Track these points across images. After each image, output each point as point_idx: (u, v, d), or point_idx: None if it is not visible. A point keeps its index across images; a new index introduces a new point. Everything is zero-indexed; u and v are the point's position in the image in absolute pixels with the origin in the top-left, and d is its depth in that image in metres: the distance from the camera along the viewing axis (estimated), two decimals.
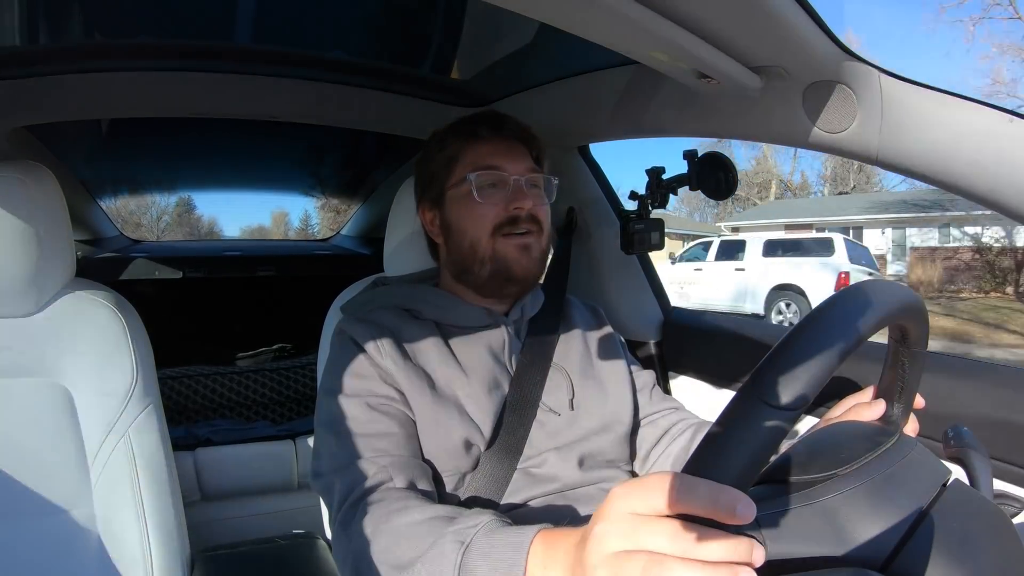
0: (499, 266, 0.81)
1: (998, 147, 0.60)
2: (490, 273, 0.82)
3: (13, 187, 0.79)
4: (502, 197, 0.81)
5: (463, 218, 0.82)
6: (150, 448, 0.85)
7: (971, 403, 0.75)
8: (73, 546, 0.80)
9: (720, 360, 1.14)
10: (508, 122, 0.85)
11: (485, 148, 0.83)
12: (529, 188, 0.82)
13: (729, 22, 0.59)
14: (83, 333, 0.84)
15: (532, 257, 0.82)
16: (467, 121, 0.86)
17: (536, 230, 0.82)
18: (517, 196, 0.80)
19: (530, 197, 0.81)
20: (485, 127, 0.84)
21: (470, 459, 0.74)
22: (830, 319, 0.41)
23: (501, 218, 0.80)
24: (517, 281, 0.83)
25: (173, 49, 1.01)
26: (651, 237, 1.11)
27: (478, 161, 0.82)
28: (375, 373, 0.75)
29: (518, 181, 0.81)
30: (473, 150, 0.83)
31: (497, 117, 0.85)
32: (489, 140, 0.83)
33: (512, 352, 0.83)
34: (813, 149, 0.75)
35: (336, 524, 0.66)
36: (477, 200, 0.80)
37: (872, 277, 8.70)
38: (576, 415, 0.81)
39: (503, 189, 0.81)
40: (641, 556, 0.36)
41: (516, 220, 0.80)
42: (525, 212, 0.80)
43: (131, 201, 4.35)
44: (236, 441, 1.62)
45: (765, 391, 0.37)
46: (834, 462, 0.43)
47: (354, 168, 2.13)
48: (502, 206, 0.80)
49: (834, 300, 0.43)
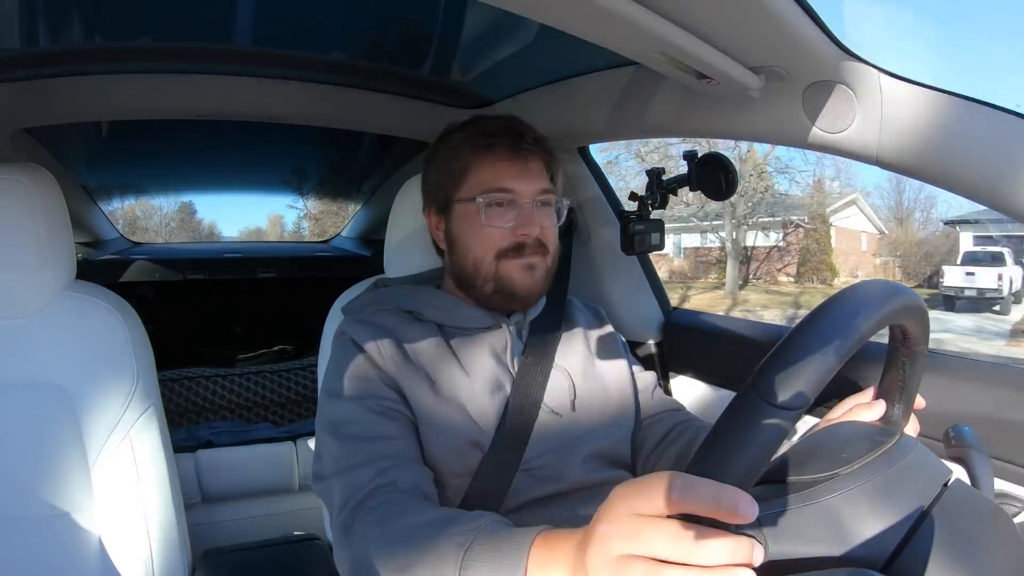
0: (502, 285, 0.80)
1: (998, 147, 0.60)
2: (493, 291, 0.81)
3: (14, 189, 0.79)
4: (510, 219, 0.79)
5: (468, 236, 0.81)
6: (151, 450, 0.85)
7: (971, 403, 0.75)
8: (74, 548, 0.80)
9: (720, 360, 1.14)
10: (526, 138, 0.81)
11: (499, 166, 0.80)
12: (540, 209, 0.81)
13: (729, 22, 0.59)
14: (83, 335, 0.84)
15: (536, 278, 0.81)
16: (484, 132, 0.82)
17: (543, 252, 0.81)
18: (526, 222, 0.79)
19: (538, 223, 0.79)
20: (502, 144, 0.80)
21: (472, 460, 0.74)
22: (831, 319, 0.41)
23: (508, 243, 0.79)
24: (520, 300, 0.82)
25: (174, 52, 1.01)
26: (651, 238, 1.11)
27: (490, 181, 0.79)
28: (376, 375, 0.75)
29: (529, 205, 0.80)
30: (487, 167, 0.80)
31: (516, 133, 0.81)
32: (504, 158, 0.80)
33: (514, 353, 0.83)
34: (813, 149, 0.75)
35: (337, 528, 0.66)
36: (483, 223, 0.79)
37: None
38: (578, 416, 0.81)
39: (512, 210, 0.79)
40: (642, 562, 0.36)
41: (522, 247, 0.79)
42: (532, 239, 0.79)
43: (137, 207, 4.31)
44: (237, 443, 1.62)
45: (767, 390, 0.37)
46: (835, 462, 0.43)
47: (354, 169, 2.13)
48: (509, 230, 0.79)
49: (835, 300, 0.43)
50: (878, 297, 0.44)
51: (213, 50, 1.02)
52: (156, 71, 1.04)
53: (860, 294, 0.43)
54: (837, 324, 0.40)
